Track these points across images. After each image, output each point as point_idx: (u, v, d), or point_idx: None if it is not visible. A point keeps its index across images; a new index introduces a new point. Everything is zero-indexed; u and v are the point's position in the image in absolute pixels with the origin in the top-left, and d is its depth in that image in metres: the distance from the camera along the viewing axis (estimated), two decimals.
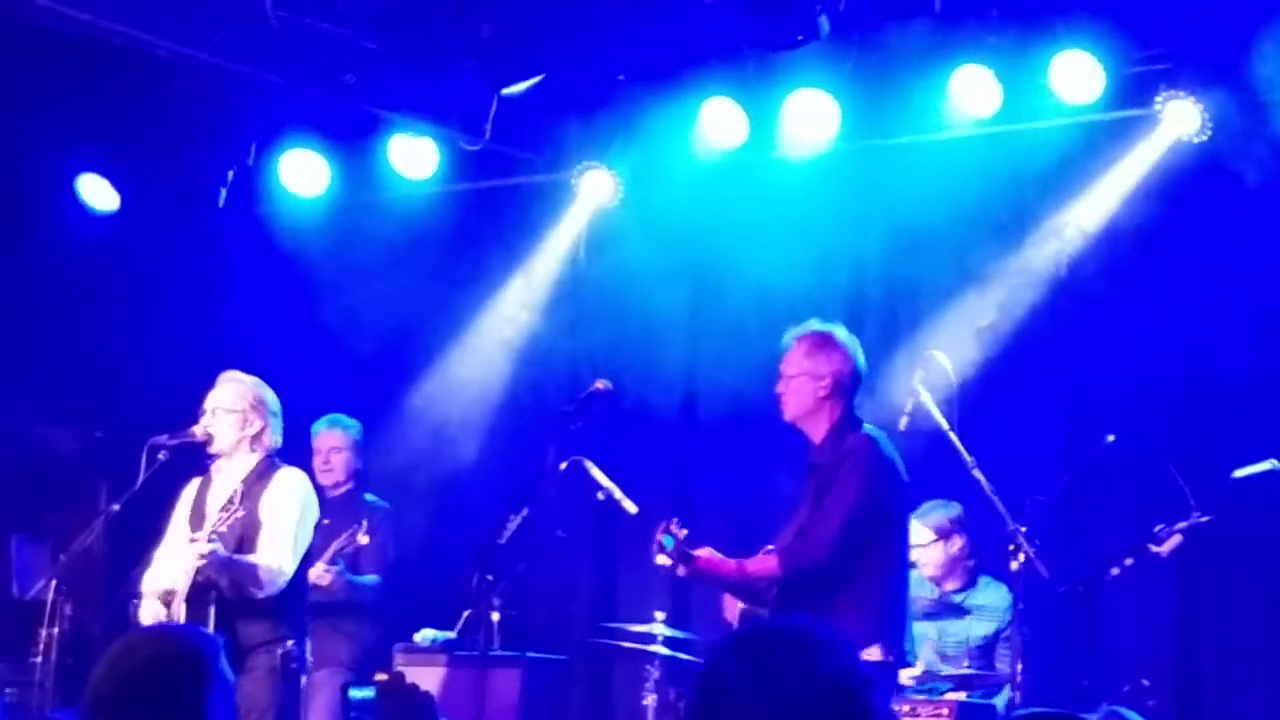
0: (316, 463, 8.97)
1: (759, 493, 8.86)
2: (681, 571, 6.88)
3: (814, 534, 6.78)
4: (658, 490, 9.02)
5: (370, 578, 8.87)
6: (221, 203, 9.81)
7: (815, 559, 6.72)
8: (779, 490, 8.12)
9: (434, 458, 10.31)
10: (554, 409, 8.64)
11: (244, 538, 7.21)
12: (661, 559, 6.82)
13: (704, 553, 6.89)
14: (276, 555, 7.27)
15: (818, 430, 6.99)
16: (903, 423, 7.49)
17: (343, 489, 9.08)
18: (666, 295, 9.82)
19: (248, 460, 7.47)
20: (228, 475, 7.47)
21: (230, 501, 7.23)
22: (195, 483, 7.56)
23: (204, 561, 6.99)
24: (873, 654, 6.63)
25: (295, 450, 8.15)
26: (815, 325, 7.07)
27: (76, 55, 8.72)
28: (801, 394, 6.97)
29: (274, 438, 7.59)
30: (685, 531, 6.80)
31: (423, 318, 10.43)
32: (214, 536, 7.05)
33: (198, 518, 7.36)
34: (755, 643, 2.86)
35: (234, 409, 7.45)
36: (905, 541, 7.18)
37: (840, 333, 7.04)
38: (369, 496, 9.21)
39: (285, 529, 7.31)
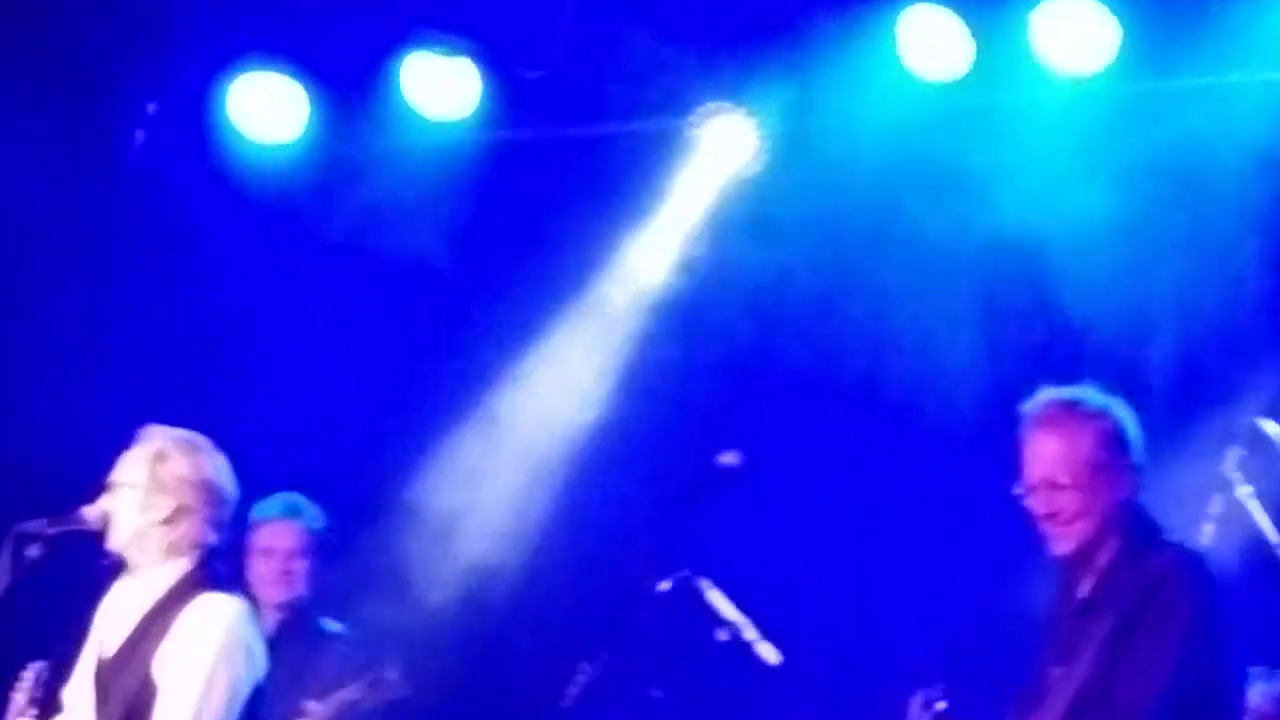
0: (262, 569, 7.75)
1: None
2: None
3: (1122, 704, 5.60)
4: (814, 622, 7.92)
5: None
6: (130, 163, 8.54)
7: None
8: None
9: (456, 561, 8.77)
10: (648, 492, 7.85)
11: (136, 704, 5.84)
12: None
13: None
14: None
15: (1107, 549, 5.78)
16: (1207, 530, 6.74)
17: (295, 606, 7.81)
18: (829, 309, 8.29)
19: (165, 571, 6.07)
20: (136, 593, 6.13)
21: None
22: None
23: None
24: None
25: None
26: (1073, 392, 5.86)
27: None
28: (1099, 501, 5.72)
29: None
30: (945, 704, 5.91)
31: (446, 340, 8.99)
32: None
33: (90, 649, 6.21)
34: None
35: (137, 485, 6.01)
36: (1241, 709, 6.05)
37: (1098, 397, 6.04)
38: (329, 624, 7.93)
39: (189, 698, 5.91)
